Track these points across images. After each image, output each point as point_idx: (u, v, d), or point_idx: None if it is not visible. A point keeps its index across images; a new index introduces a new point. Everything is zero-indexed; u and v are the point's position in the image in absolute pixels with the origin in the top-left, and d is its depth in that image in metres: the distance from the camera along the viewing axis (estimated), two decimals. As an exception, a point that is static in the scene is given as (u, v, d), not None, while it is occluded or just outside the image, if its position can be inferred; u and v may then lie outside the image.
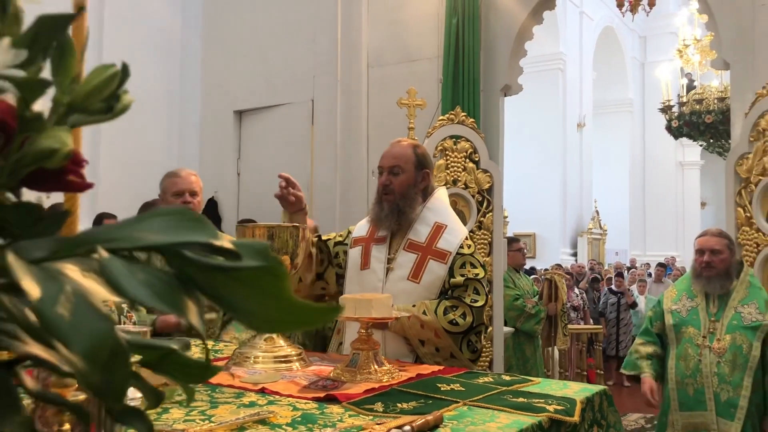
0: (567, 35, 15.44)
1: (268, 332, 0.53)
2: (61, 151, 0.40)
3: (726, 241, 3.40)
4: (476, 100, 5.42)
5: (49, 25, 0.40)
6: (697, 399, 3.31)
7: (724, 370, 3.25)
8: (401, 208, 2.54)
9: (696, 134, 10.08)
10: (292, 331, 0.41)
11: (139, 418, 0.68)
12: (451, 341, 2.42)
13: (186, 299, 0.37)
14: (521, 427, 1.52)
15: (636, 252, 18.52)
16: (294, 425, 1.51)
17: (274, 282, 0.36)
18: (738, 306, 3.32)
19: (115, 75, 0.45)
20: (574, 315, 8.58)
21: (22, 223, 0.52)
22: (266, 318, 0.37)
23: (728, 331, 3.28)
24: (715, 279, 3.35)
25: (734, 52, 4.90)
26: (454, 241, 2.55)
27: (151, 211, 0.41)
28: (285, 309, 0.36)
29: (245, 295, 0.36)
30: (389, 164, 2.57)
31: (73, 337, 0.33)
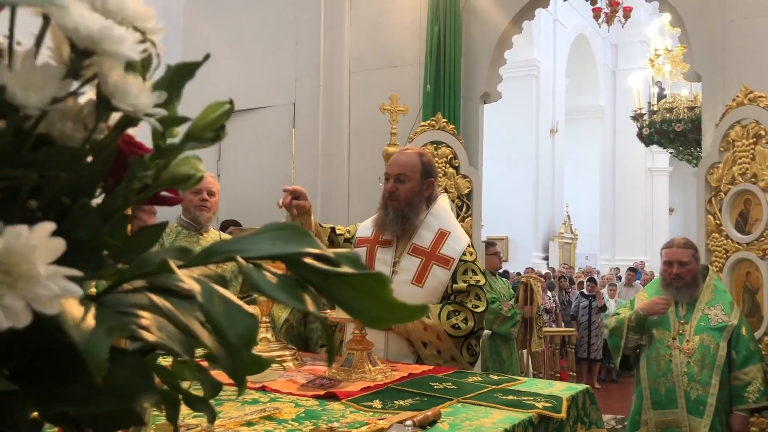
0: (541, 42, 15.67)
1: (374, 326, 0.60)
2: (195, 177, 0.48)
3: (692, 251, 3.55)
4: (457, 107, 5.54)
5: (183, 70, 0.48)
6: (669, 397, 3.46)
7: (693, 369, 3.40)
8: (406, 214, 2.63)
9: (666, 142, 10.34)
10: (392, 324, 0.50)
11: (206, 406, 0.76)
12: (452, 344, 2.51)
13: (306, 296, 0.45)
14: (514, 422, 1.62)
15: (605, 256, 18.83)
16: (299, 420, 1.59)
17: (377, 286, 0.45)
18: (705, 308, 3.49)
19: (227, 111, 0.52)
20: (547, 317, 8.74)
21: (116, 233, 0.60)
22: (371, 315, 0.45)
23: (696, 332, 3.44)
24: (684, 289, 3.52)
25: (705, 65, 5.09)
26: (458, 248, 2.64)
27: (264, 226, 0.50)
28: (386, 308, 0.44)
29: (354, 296, 0.45)
30: (396, 172, 2.65)
31: (230, 328, 0.41)
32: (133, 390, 0.46)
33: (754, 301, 4.07)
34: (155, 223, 0.58)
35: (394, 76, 6.05)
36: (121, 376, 0.47)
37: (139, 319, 0.48)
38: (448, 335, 2.50)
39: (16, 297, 0.35)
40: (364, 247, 2.72)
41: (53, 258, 0.36)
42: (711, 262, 4.30)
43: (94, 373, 0.38)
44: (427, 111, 5.50)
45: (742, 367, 3.39)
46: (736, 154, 4.18)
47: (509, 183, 15.00)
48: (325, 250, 0.48)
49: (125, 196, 0.49)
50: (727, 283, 4.14)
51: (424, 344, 2.51)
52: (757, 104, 4.06)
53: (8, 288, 0.35)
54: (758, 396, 3.38)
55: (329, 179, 6.39)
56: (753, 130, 4.07)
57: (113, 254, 0.55)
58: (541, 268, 14.01)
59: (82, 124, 0.45)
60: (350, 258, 0.49)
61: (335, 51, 6.43)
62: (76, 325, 0.39)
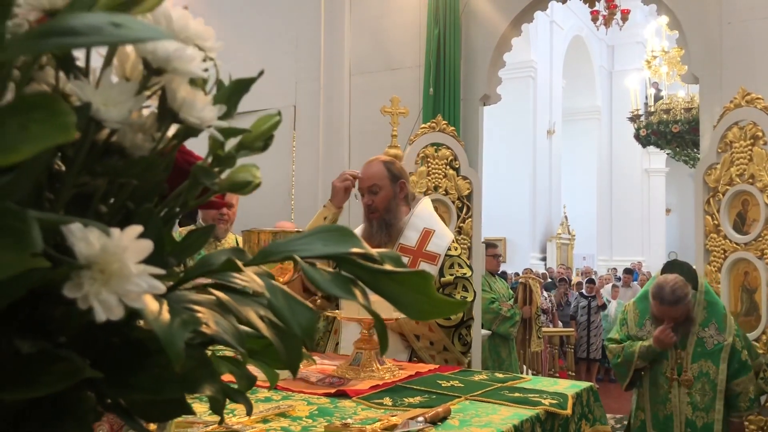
0: (538, 44, 15.74)
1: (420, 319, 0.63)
2: (254, 183, 0.52)
3: (683, 304, 3.41)
4: (456, 109, 5.58)
5: (241, 86, 0.52)
6: (666, 424, 3.49)
7: (695, 399, 3.40)
8: (388, 221, 2.74)
9: (663, 143, 10.40)
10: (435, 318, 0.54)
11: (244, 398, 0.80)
12: (443, 334, 2.61)
13: (356, 290, 0.49)
14: (522, 418, 1.66)
15: (603, 257, 18.90)
16: (313, 417, 1.63)
17: (422, 283, 0.49)
18: (699, 331, 3.45)
19: (276, 123, 0.57)
20: (544, 318, 8.79)
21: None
22: (416, 309, 0.49)
23: (694, 360, 3.43)
24: (678, 326, 3.46)
25: (703, 67, 5.14)
26: (442, 245, 2.76)
27: (314, 228, 0.54)
28: (430, 302, 0.49)
29: (401, 292, 0.49)
30: (367, 185, 2.77)
31: (293, 320, 0.45)
32: (197, 379, 0.50)
33: (752, 301, 4.12)
34: (205, 226, 0.62)
35: (394, 78, 6.09)
36: (186, 366, 0.51)
37: (198, 314, 0.53)
38: (439, 326, 2.59)
39: (110, 293, 0.39)
40: None
41: (141, 257, 0.40)
42: (709, 262, 4.35)
43: (174, 361, 0.42)
44: (428, 113, 5.55)
45: (733, 379, 3.41)
46: (734, 156, 4.23)
47: (507, 184, 15.05)
48: (370, 249, 0.53)
49: (184, 201, 0.53)
50: (725, 282, 4.20)
51: (416, 337, 2.60)
52: (754, 106, 4.11)
53: (103, 285, 0.39)
54: (749, 404, 3.44)
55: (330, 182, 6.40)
56: (750, 131, 4.13)
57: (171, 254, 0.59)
58: (538, 268, 14.07)
59: (149, 134, 0.49)
60: (392, 257, 0.53)
61: (335, 53, 6.47)
62: (155, 318, 0.43)
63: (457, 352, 2.64)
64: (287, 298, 0.46)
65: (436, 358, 2.58)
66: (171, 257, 0.56)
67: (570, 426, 1.93)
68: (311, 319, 0.46)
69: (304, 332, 0.45)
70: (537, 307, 6.16)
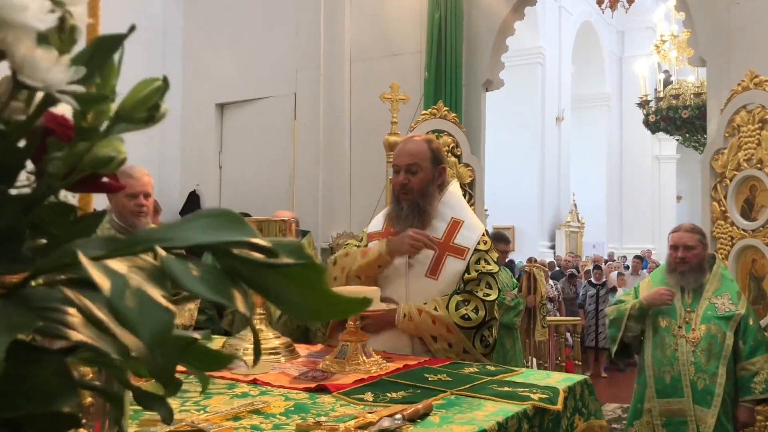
0: (546, 30, 15.55)
1: (312, 320, 0.57)
2: (117, 159, 0.44)
3: (699, 236, 3.48)
4: (458, 95, 5.48)
5: (105, 44, 0.44)
6: (674, 386, 3.39)
7: (700, 359, 3.34)
8: (421, 206, 2.49)
9: (673, 129, 10.24)
10: (331, 318, 0.46)
11: (161, 404, 0.72)
12: (463, 336, 2.40)
13: (234, 291, 0.41)
14: (507, 414, 1.58)
15: (613, 245, 18.75)
16: (287, 414, 1.56)
17: (313, 276, 0.41)
18: (712, 297, 3.41)
19: (159, 88, 0.49)
20: (550, 306, 8.70)
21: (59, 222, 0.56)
22: (308, 308, 0.41)
23: (703, 321, 3.37)
24: (689, 273, 3.43)
25: (710, 50, 5.01)
26: (472, 237, 2.52)
27: (196, 213, 0.46)
28: (323, 300, 0.41)
29: (288, 288, 0.41)
30: (406, 162, 2.50)
31: (141, 326, 0.37)
32: (51, 392, 0.42)
33: (760, 289, 4.02)
34: (94, 212, 0.54)
35: (396, 64, 5.99)
36: (39, 377, 0.43)
37: (64, 316, 0.45)
38: (458, 327, 2.39)
39: None
40: (377, 239, 2.58)
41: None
42: (716, 250, 4.25)
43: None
44: (429, 99, 5.45)
45: (750, 358, 3.33)
46: (742, 140, 4.12)
47: (515, 172, 14.93)
48: (263, 239, 0.45)
49: (48, 183, 0.45)
50: (733, 270, 4.09)
51: (434, 338, 2.41)
52: (762, 89, 4.00)
53: None
54: (765, 387, 3.32)
55: (331, 170, 6.35)
56: (759, 115, 4.01)
57: (54, 243, 0.51)
58: (547, 257, 13.96)
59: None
60: (292, 248, 0.45)
61: (335, 40, 6.37)
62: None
63: (478, 354, 2.44)
64: (141, 298, 0.38)
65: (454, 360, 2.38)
66: (53, 246, 0.49)
67: (562, 421, 1.86)
68: (164, 324, 0.38)
69: (153, 339, 0.37)
70: (541, 296, 6.06)
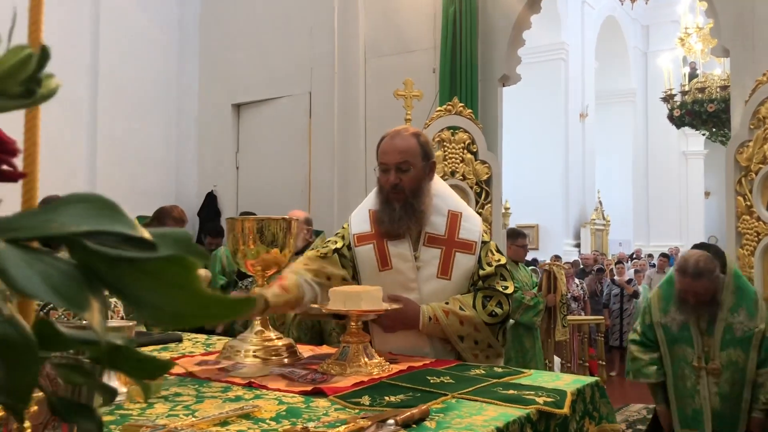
0: (569, 25, 15.35)
1: (177, 326, 0.51)
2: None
3: (706, 280, 3.20)
4: (474, 91, 5.37)
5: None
6: (695, 418, 3.26)
7: (724, 389, 3.19)
8: (415, 206, 2.33)
9: (698, 123, 10.02)
10: (202, 324, 0.39)
11: (86, 415, 0.65)
12: (489, 333, 2.32)
13: (89, 295, 0.34)
14: (508, 419, 1.50)
15: (639, 242, 18.46)
16: (278, 419, 1.49)
17: (181, 273, 0.34)
18: (728, 317, 3.22)
19: (30, 57, 0.42)
20: (575, 305, 8.55)
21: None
22: (174, 311, 0.34)
23: (722, 348, 3.20)
24: (703, 307, 3.24)
25: (734, 39, 4.85)
26: (475, 230, 2.40)
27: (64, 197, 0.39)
28: (194, 301, 0.34)
29: (151, 288, 0.34)
30: (396, 161, 2.32)
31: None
32: None
33: (787, 287, 3.88)
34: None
35: (410, 60, 5.91)
36: None
37: None
38: (486, 324, 2.30)
39: None
40: (369, 244, 2.41)
41: None
42: (742, 246, 4.11)
43: None
44: (444, 95, 5.36)
45: (760, 368, 3.18)
46: (767, 132, 3.98)
47: (538, 170, 14.77)
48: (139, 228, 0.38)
49: None
50: (759, 267, 3.95)
51: (460, 338, 2.31)
52: (788, 78, 3.85)
53: None
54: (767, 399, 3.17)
55: (346, 169, 6.29)
56: (785, 105, 3.87)
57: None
58: (572, 255, 13.75)
59: None
60: (177, 238, 0.38)
61: (349, 38, 6.31)
62: None
63: (500, 347, 2.37)
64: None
65: (479, 356, 2.31)
66: None
67: (570, 425, 1.77)
68: None
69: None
70: (562, 295, 5.93)
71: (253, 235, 2.25)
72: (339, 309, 2.05)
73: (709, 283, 3.19)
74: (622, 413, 6.64)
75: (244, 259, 2.28)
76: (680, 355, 3.31)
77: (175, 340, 2.65)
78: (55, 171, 5.93)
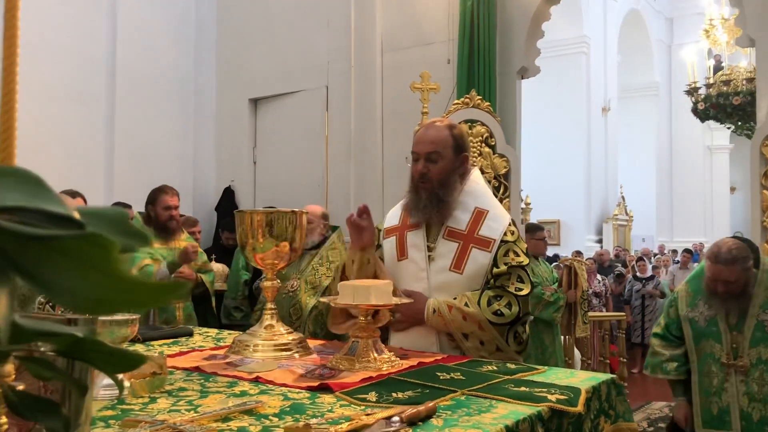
0: (590, 18, 15.16)
1: (95, 314, 0.48)
2: None
3: (739, 267, 3.05)
4: (492, 83, 5.29)
5: None
6: (721, 418, 3.12)
7: (752, 388, 3.05)
8: (441, 197, 2.35)
9: (723, 116, 9.81)
10: (124, 311, 0.34)
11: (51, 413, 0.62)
12: (496, 333, 2.27)
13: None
14: (518, 417, 1.45)
15: (663, 238, 18.21)
16: (281, 415, 1.46)
17: (100, 254, 0.30)
18: (759, 313, 3.08)
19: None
20: (597, 302, 8.44)
21: None
22: (92, 297, 0.30)
23: (753, 345, 3.07)
24: (732, 300, 3.11)
25: (759, 28, 4.72)
26: (498, 228, 2.38)
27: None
28: (113, 286, 0.30)
29: (66, 270, 0.30)
30: (426, 150, 2.35)
31: None
32: None
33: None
34: None
35: (427, 53, 5.83)
36: None
37: None
38: (491, 323, 2.25)
39: None
40: (393, 236, 2.44)
41: None
42: (767, 240, 4.00)
43: None
44: (462, 88, 5.29)
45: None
46: (793, 123, 3.87)
47: (560, 165, 14.62)
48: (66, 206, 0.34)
49: None
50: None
51: (465, 336, 2.27)
52: (815, 68, 3.74)
53: None
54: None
55: (363, 163, 6.24)
56: (811, 95, 3.75)
57: None
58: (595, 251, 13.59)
59: None
60: (112, 217, 0.34)
61: (366, 31, 6.26)
62: None
63: (511, 351, 2.29)
64: None
65: (487, 359, 2.24)
66: None
67: (585, 424, 1.71)
68: None
69: None
70: (582, 291, 5.83)
71: (263, 229, 2.22)
72: (348, 303, 2.01)
73: (741, 271, 3.05)
74: (644, 411, 6.54)
75: (253, 253, 2.25)
76: (707, 351, 3.18)
77: (185, 335, 2.64)
78: (74, 166, 5.96)
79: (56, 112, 5.94)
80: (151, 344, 2.44)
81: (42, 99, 5.81)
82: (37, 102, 5.77)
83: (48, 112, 5.87)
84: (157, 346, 2.42)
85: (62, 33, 5.97)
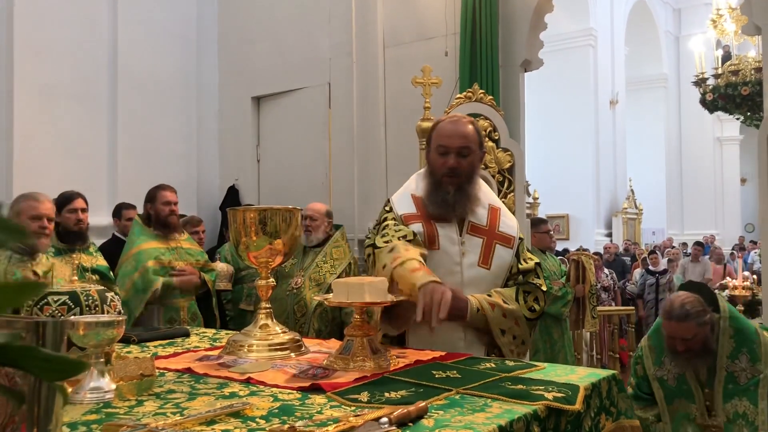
0: (597, 11, 15.05)
1: None
2: None
3: (694, 323, 2.86)
4: (495, 77, 5.23)
5: None
6: None
7: None
8: (468, 191, 2.37)
9: (732, 107, 9.70)
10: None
11: None
12: (528, 328, 2.34)
13: None
14: (513, 417, 1.40)
15: (673, 231, 18.08)
16: (268, 417, 1.42)
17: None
18: (728, 364, 2.91)
19: None
20: (605, 296, 8.37)
21: None
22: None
23: (726, 400, 2.89)
24: (696, 358, 2.94)
25: (766, 15, 4.64)
26: (514, 226, 2.46)
27: None
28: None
29: None
30: (458, 145, 2.35)
31: None
32: None
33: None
34: None
35: (429, 48, 5.78)
36: None
37: None
38: (526, 319, 2.33)
39: None
40: (418, 223, 2.37)
41: None
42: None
43: None
44: (464, 82, 5.23)
45: None
46: (801, 112, 3.79)
47: (568, 158, 14.56)
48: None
49: None
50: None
51: (502, 331, 2.29)
52: (823, 54, 3.66)
53: None
54: None
55: (366, 159, 6.20)
56: (819, 83, 3.68)
57: None
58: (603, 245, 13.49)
59: None
60: None
61: (367, 26, 6.21)
62: None
63: (530, 343, 2.42)
64: None
65: (515, 352, 2.31)
66: None
67: (584, 422, 1.66)
68: None
69: None
70: (591, 285, 5.77)
71: (255, 227, 2.18)
72: (342, 301, 1.97)
73: (696, 327, 2.86)
74: (654, 406, 6.45)
75: (246, 251, 2.20)
76: (681, 411, 3.02)
77: (182, 335, 2.60)
78: (77, 166, 5.95)
79: (59, 113, 5.93)
80: (146, 345, 2.40)
81: (45, 100, 5.80)
82: (39, 103, 5.76)
83: (51, 112, 5.86)
84: (152, 347, 2.38)
85: (64, 33, 5.95)
